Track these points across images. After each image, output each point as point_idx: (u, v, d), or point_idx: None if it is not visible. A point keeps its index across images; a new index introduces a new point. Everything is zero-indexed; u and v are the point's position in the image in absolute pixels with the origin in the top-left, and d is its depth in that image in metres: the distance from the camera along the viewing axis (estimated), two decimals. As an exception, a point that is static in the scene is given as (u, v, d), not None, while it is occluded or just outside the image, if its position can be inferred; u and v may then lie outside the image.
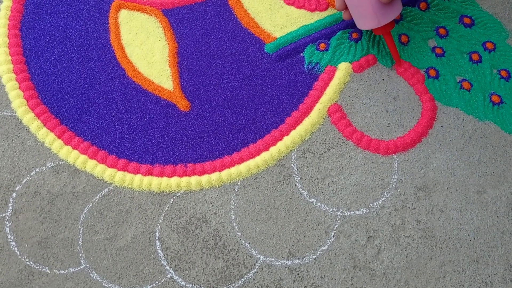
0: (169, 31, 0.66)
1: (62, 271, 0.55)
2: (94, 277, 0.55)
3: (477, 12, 0.65)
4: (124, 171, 0.59)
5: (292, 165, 0.59)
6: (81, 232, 0.57)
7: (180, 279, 0.55)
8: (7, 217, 0.58)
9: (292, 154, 0.59)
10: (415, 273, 0.54)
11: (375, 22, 0.56)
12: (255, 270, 0.55)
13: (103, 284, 0.55)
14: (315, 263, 0.55)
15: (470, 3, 0.65)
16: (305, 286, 0.54)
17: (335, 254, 0.55)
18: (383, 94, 0.61)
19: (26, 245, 0.56)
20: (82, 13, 0.67)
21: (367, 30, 0.64)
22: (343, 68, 0.62)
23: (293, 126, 0.60)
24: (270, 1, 0.67)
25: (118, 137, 0.61)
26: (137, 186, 0.59)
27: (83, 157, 0.60)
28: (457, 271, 0.54)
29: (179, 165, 0.60)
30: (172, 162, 0.60)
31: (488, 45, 0.63)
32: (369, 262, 0.55)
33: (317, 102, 0.61)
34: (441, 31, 0.64)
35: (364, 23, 0.57)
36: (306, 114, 0.61)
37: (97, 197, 0.58)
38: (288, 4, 0.67)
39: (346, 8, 0.59)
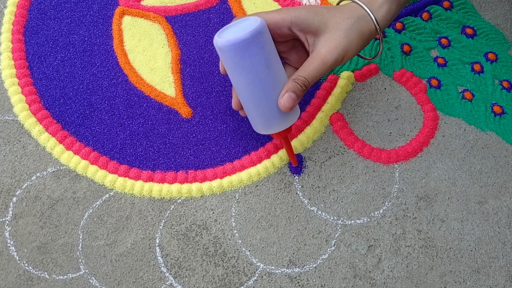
0: (172, 38, 0.66)
1: (61, 277, 0.55)
2: (94, 283, 0.55)
3: (479, 22, 0.65)
4: (125, 177, 0.59)
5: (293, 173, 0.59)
6: (81, 237, 0.57)
7: (179, 286, 0.54)
8: (7, 222, 0.57)
9: (294, 162, 0.59)
10: (416, 283, 0.54)
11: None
12: (255, 278, 0.55)
13: (102, 290, 0.55)
14: (315, 271, 0.55)
15: (472, 13, 0.66)
16: (305, 295, 0.54)
17: (336, 263, 0.55)
18: (385, 103, 0.62)
19: (26, 250, 0.56)
20: (85, 18, 0.68)
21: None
22: (345, 77, 0.63)
23: (295, 134, 0.60)
24: (273, 9, 0.67)
25: (119, 143, 0.61)
26: (138, 192, 0.58)
27: (84, 162, 0.60)
28: (458, 281, 0.54)
29: (180, 171, 0.60)
30: (173, 168, 0.60)
31: (490, 55, 0.63)
32: (370, 272, 0.54)
33: (319, 110, 0.61)
34: (443, 41, 0.64)
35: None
36: (308, 122, 0.61)
37: (98, 202, 0.58)
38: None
39: (241, 108, 0.53)
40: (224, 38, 0.46)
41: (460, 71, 0.63)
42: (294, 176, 0.58)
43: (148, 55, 0.66)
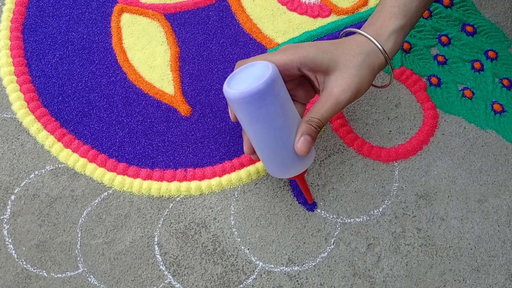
0: (171, 36, 0.66)
1: (59, 275, 0.55)
2: (92, 281, 0.55)
3: (479, 20, 0.65)
4: (124, 175, 0.59)
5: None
6: (79, 235, 0.56)
7: (178, 285, 0.54)
8: (5, 220, 0.57)
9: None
10: (415, 281, 0.54)
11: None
12: (254, 276, 0.54)
13: (101, 288, 0.55)
14: (314, 270, 0.54)
15: (472, 11, 0.66)
16: (304, 294, 0.54)
17: (335, 261, 0.55)
18: (384, 101, 0.61)
19: (24, 248, 0.56)
20: (84, 16, 0.67)
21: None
22: (344, 75, 0.62)
23: (294, 132, 0.60)
24: (272, 7, 0.67)
25: (118, 140, 0.61)
26: (136, 190, 0.58)
27: (82, 160, 0.60)
28: (458, 280, 0.54)
29: (179, 169, 0.59)
30: (172, 166, 0.60)
31: (490, 53, 0.63)
32: (369, 270, 0.54)
33: (318, 108, 0.61)
34: (444, 39, 0.64)
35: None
36: (307, 120, 0.61)
37: (96, 200, 0.58)
38: (291, 10, 0.67)
39: (254, 152, 0.51)
40: (236, 89, 0.44)
41: (460, 69, 0.62)
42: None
43: (147, 53, 0.65)
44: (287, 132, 0.46)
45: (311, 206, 0.57)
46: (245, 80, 0.45)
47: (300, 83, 0.50)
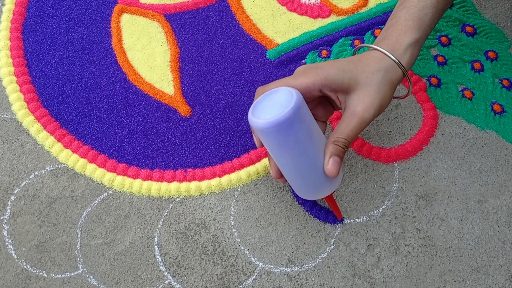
0: (171, 36, 0.66)
1: (59, 276, 0.55)
2: (92, 282, 0.55)
3: (479, 21, 0.65)
4: (124, 175, 0.59)
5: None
6: (79, 236, 0.56)
7: (178, 285, 0.54)
8: (5, 220, 0.57)
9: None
10: (415, 282, 0.54)
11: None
12: (254, 277, 0.54)
13: (101, 289, 0.55)
14: (314, 270, 0.54)
15: (472, 12, 0.65)
16: (304, 294, 0.54)
17: (335, 262, 0.55)
18: (384, 101, 0.61)
19: (24, 249, 0.56)
20: (84, 16, 0.67)
21: (369, 38, 0.64)
22: (344, 75, 0.62)
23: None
24: (272, 8, 0.67)
25: (118, 141, 0.61)
26: (136, 191, 0.58)
27: (82, 160, 0.60)
28: (458, 280, 0.54)
29: (179, 170, 0.59)
30: (172, 167, 0.60)
31: (490, 54, 0.63)
32: (369, 271, 0.54)
33: (318, 108, 0.61)
34: (443, 39, 0.64)
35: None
36: (307, 120, 0.61)
37: (96, 201, 0.58)
38: (291, 10, 0.67)
39: (282, 176, 0.51)
40: (262, 118, 0.44)
41: (460, 70, 0.62)
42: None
43: (147, 53, 0.65)
44: (315, 155, 0.46)
45: (340, 220, 0.57)
46: (270, 108, 0.45)
47: (320, 102, 0.50)
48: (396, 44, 0.48)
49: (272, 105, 0.45)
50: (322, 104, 0.51)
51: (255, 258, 0.55)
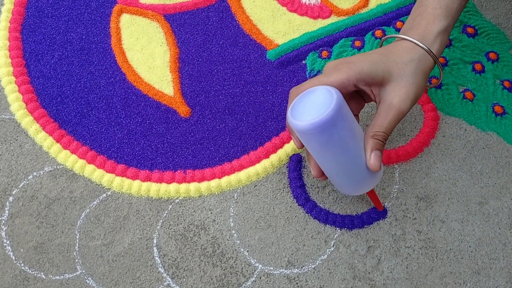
0: (170, 36, 0.66)
1: (57, 277, 0.55)
2: (90, 284, 0.54)
3: (480, 22, 0.65)
4: (123, 176, 0.59)
5: (292, 173, 0.58)
6: (77, 237, 0.56)
7: (177, 287, 0.54)
8: (3, 221, 0.57)
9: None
10: (416, 284, 0.53)
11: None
12: (253, 279, 0.54)
13: (99, 290, 0.54)
14: (314, 272, 0.54)
15: (473, 13, 0.65)
16: (304, 296, 0.54)
17: (335, 264, 0.54)
18: (385, 102, 0.61)
19: (22, 250, 0.56)
20: (83, 16, 0.67)
21: (369, 39, 0.64)
22: (345, 76, 0.62)
23: (294, 134, 0.60)
24: (272, 8, 0.67)
25: (117, 142, 0.61)
26: (135, 192, 0.58)
27: (81, 161, 0.59)
28: (458, 283, 0.53)
29: (178, 171, 0.59)
30: (171, 168, 0.59)
31: (491, 55, 0.63)
32: (369, 273, 0.54)
33: (318, 110, 0.61)
34: (444, 40, 0.64)
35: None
36: (307, 121, 0.60)
37: (95, 202, 0.58)
38: (291, 11, 0.67)
39: (323, 174, 0.51)
40: (303, 120, 0.44)
41: (461, 71, 0.62)
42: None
43: (146, 54, 0.65)
44: (358, 151, 0.46)
45: (383, 213, 0.57)
46: (310, 109, 0.45)
47: (352, 96, 0.50)
48: (425, 32, 0.48)
49: (311, 105, 0.45)
50: (354, 98, 0.51)
51: (255, 260, 0.55)
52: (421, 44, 0.47)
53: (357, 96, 0.51)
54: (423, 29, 0.48)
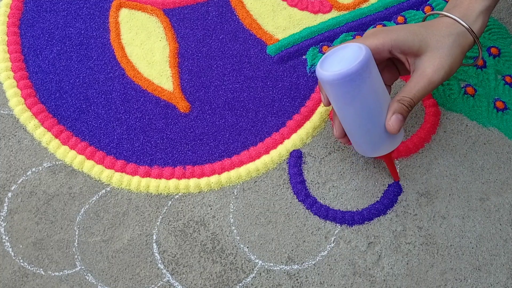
0: (170, 31, 0.65)
1: (57, 273, 0.55)
2: (90, 280, 0.54)
3: (482, 16, 0.64)
4: (122, 172, 0.58)
5: (292, 168, 0.58)
6: (77, 233, 0.56)
7: (177, 283, 0.54)
8: (2, 217, 0.57)
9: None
10: (416, 280, 0.53)
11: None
12: (253, 275, 0.54)
13: (99, 286, 0.54)
14: (314, 268, 0.54)
15: (475, 7, 0.65)
16: (304, 292, 0.53)
17: (335, 260, 0.54)
18: (385, 98, 0.61)
19: (21, 246, 0.56)
20: (82, 11, 0.67)
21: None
22: (345, 71, 0.62)
23: (295, 129, 0.60)
24: (273, 3, 0.67)
25: (116, 137, 0.60)
26: (134, 188, 0.58)
27: (80, 157, 0.59)
28: (459, 279, 0.53)
29: (178, 167, 0.59)
30: (170, 164, 0.59)
31: (493, 50, 0.62)
32: (369, 269, 0.54)
33: (319, 105, 0.61)
34: (445, 35, 0.63)
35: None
36: (307, 117, 0.60)
37: (94, 198, 0.57)
38: (291, 5, 0.66)
39: (345, 135, 0.53)
40: (330, 71, 0.45)
41: (462, 66, 0.62)
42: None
43: (146, 49, 0.65)
44: (379, 111, 0.47)
45: (397, 188, 0.57)
46: (338, 62, 0.46)
47: (386, 66, 0.52)
48: (468, 11, 0.48)
49: (340, 59, 0.46)
50: (388, 67, 0.52)
51: (255, 256, 0.55)
52: (462, 22, 0.47)
53: (391, 66, 0.52)
54: (465, 8, 0.48)
